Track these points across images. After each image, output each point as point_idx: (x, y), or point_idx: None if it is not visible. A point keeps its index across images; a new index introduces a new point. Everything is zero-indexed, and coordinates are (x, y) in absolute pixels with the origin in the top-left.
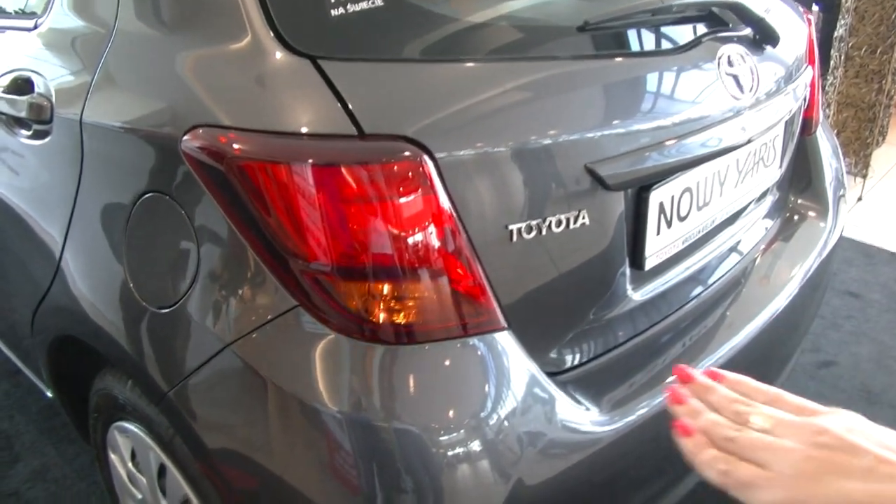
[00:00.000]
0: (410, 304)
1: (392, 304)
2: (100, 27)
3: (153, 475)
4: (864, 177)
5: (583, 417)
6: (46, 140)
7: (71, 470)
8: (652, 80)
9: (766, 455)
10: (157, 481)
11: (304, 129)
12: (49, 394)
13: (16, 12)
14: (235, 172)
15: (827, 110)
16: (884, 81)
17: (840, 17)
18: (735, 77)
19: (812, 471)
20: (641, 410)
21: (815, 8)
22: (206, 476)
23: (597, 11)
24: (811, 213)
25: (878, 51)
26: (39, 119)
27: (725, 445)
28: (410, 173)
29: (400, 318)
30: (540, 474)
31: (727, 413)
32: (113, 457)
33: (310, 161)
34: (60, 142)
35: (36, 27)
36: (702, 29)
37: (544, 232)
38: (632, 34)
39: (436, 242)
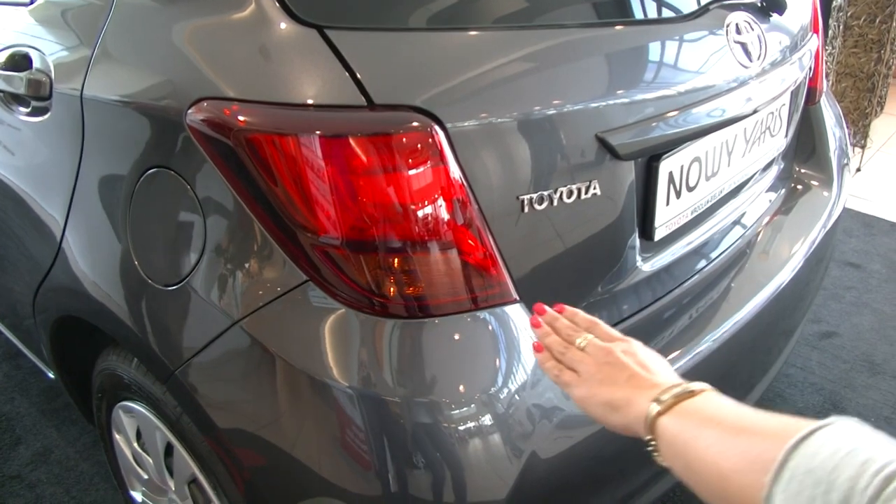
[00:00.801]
0: (421, 277)
1: (403, 278)
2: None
3: (160, 455)
4: (863, 147)
5: None
6: (45, 117)
7: (74, 451)
8: (661, 48)
9: (578, 366)
10: (164, 461)
11: (311, 100)
12: (51, 375)
13: None
14: (242, 145)
15: (826, 80)
16: (883, 51)
17: None
18: (743, 45)
19: (600, 377)
20: None
21: None
22: (214, 454)
23: None
24: (815, 183)
25: (877, 20)
26: (38, 95)
27: (559, 358)
28: (420, 144)
29: (410, 292)
30: (552, 448)
31: (562, 335)
32: (118, 437)
33: (318, 132)
34: (60, 118)
35: (32, 2)
36: None
37: (555, 202)
38: (641, 2)
39: (446, 214)
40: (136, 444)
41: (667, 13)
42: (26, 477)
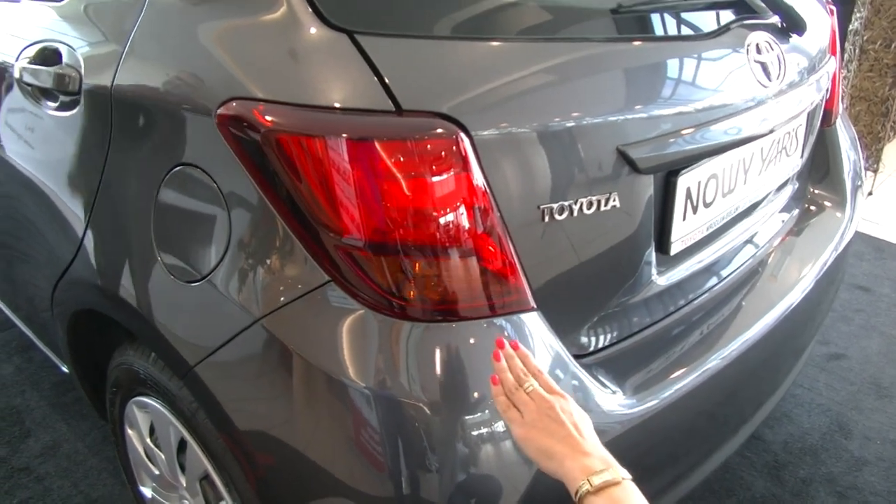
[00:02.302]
0: (441, 281)
1: (423, 281)
2: None
3: (172, 450)
4: (875, 171)
5: (608, 400)
6: (73, 111)
7: (83, 445)
8: (682, 65)
9: (523, 408)
10: (177, 456)
11: (339, 104)
12: (65, 369)
13: None
14: (270, 145)
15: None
16: None
17: (855, 10)
18: (763, 65)
19: (541, 426)
20: (664, 395)
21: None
22: (228, 451)
23: None
24: (828, 204)
25: (893, 45)
26: (67, 90)
27: (509, 395)
28: (445, 151)
29: (430, 296)
30: None
31: (514, 375)
32: (130, 432)
33: (345, 135)
34: (88, 113)
35: None
36: (731, 15)
37: (575, 213)
38: (664, 18)
39: (468, 221)
40: (148, 440)
41: (688, 31)
42: (35, 469)
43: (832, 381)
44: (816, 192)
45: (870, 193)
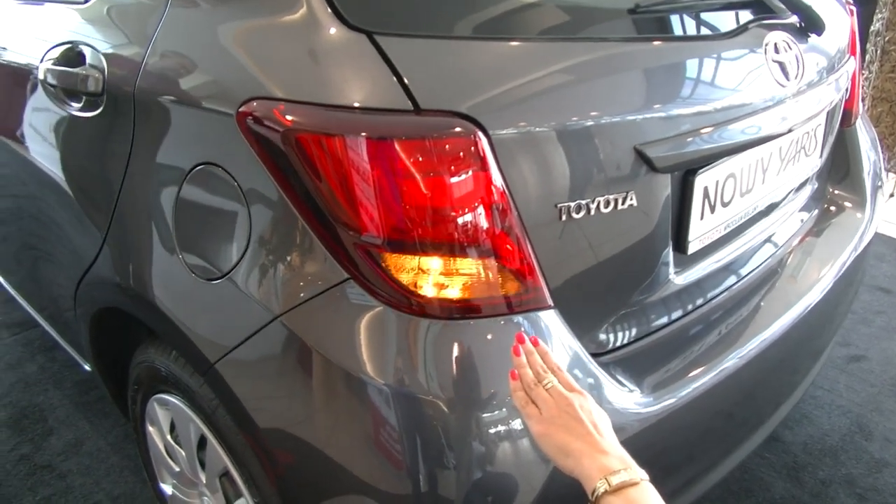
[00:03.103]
0: (459, 279)
1: (441, 279)
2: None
3: (193, 447)
4: None
5: (626, 399)
6: (97, 111)
7: (105, 443)
8: (700, 64)
9: (542, 404)
10: (197, 453)
11: (359, 103)
12: (87, 367)
13: None
14: (290, 144)
15: (862, 104)
16: None
17: (877, 10)
18: (781, 64)
19: (559, 423)
20: (682, 394)
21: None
22: (249, 447)
23: None
24: (848, 205)
25: None
26: (90, 91)
27: (527, 391)
28: (464, 150)
29: (448, 294)
30: None
31: (533, 371)
32: (151, 429)
33: (364, 134)
34: (111, 113)
35: (87, 0)
36: (749, 15)
37: (593, 212)
38: (681, 18)
39: (486, 219)
40: (169, 437)
41: (706, 31)
42: (57, 467)
43: (852, 383)
44: (836, 192)
45: (891, 195)
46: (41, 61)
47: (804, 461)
